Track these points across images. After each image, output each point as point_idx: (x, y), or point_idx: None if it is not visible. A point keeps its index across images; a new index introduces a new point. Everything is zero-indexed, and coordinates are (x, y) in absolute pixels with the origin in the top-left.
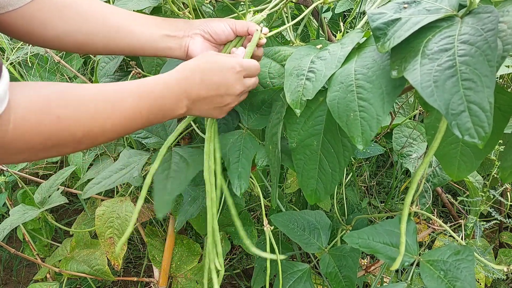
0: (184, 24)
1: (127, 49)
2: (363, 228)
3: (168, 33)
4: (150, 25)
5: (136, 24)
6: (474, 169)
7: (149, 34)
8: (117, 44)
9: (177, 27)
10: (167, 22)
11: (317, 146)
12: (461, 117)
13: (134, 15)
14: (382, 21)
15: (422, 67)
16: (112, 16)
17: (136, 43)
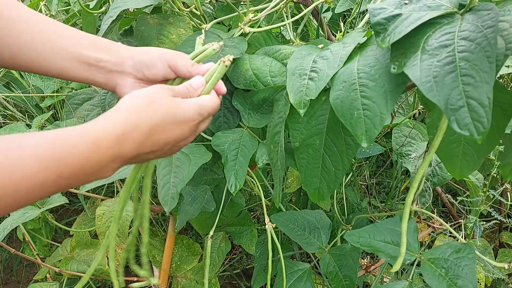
0: (115, 50)
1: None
2: (364, 227)
3: (91, 58)
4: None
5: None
6: (476, 168)
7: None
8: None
9: (108, 51)
10: (89, 39)
11: (320, 145)
12: (460, 112)
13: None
14: (383, 16)
15: (422, 63)
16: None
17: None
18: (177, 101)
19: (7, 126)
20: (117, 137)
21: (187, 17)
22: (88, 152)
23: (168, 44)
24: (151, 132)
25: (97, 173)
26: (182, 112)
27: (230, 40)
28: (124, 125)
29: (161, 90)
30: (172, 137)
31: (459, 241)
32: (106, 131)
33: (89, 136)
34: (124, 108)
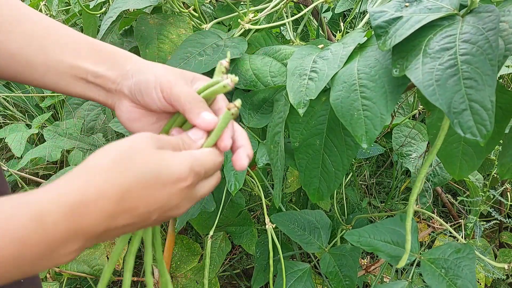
0: (116, 61)
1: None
2: (364, 227)
3: (88, 73)
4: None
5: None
6: (475, 168)
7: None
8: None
9: (109, 62)
10: (89, 47)
11: (320, 146)
12: (463, 115)
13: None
14: (384, 19)
15: (424, 66)
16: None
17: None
18: (160, 154)
19: (7, 126)
20: (70, 209)
21: (187, 17)
22: (28, 231)
23: (168, 44)
24: (125, 198)
25: (47, 258)
26: (168, 169)
27: (230, 40)
28: (83, 191)
29: (140, 141)
30: (156, 203)
31: (459, 241)
32: (53, 202)
33: (29, 208)
34: (87, 168)
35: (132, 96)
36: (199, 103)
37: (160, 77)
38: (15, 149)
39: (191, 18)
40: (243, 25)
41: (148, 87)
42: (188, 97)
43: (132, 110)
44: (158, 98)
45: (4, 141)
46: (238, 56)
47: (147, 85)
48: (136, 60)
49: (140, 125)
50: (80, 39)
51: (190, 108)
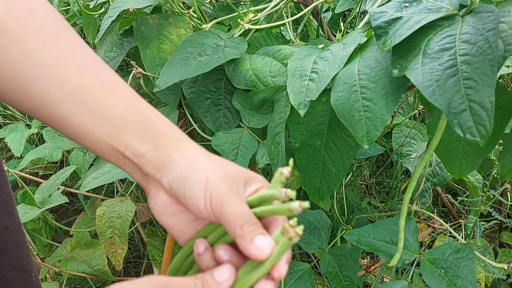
0: (163, 143)
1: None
2: (364, 226)
3: (129, 148)
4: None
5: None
6: (475, 167)
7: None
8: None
9: (156, 142)
10: (137, 117)
11: (321, 146)
12: (463, 115)
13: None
14: (384, 19)
15: (423, 66)
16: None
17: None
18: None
19: (7, 126)
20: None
21: (187, 17)
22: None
23: (168, 44)
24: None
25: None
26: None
27: (230, 40)
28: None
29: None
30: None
31: (459, 241)
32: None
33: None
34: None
35: (171, 191)
36: (253, 226)
37: (211, 185)
38: (15, 149)
39: (191, 18)
40: (243, 25)
41: (194, 194)
42: (239, 220)
43: (169, 204)
44: (206, 211)
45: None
46: (238, 56)
47: (193, 191)
48: (186, 149)
49: (176, 221)
50: (130, 102)
51: (242, 235)
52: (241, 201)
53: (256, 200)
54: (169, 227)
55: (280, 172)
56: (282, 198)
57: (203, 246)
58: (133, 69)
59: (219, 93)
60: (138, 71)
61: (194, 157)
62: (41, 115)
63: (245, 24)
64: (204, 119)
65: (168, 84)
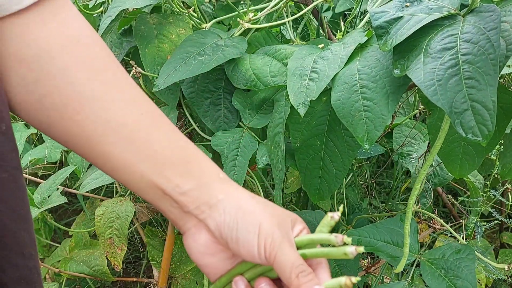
0: (208, 185)
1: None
2: (364, 226)
3: (171, 185)
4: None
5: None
6: (476, 167)
7: (139, 175)
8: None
9: (199, 182)
10: (181, 154)
11: (321, 146)
12: (465, 115)
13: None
14: (384, 19)
15: (425, 66)
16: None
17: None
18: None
19: None
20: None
21: (187, 16)
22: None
23: (167, 44)
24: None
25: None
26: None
27: (230, 39)
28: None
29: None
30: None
31: (460, 241)
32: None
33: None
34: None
35: (218, 234)
36: (308, 277)
37: (265, 232)
38: None
39: (191, 18)
40: (243, 24)
41: (249, 241)
42: (296, 269)
43: (211, 244)
44: (259, 256)
45: None
46: (238, 55)
47: (247, 237)
48: (231, 191)
49: (213, 260)
50: (174, 140)
51: (299, 284)
52: (293, 248)
53: (305, 241)
54: (204, 265)
55: (330, 216)
56: (338, 244)
57: (243, 284)
58: (133, 68)
59: (218, 93)
60: (137, 71)
61: (242, 200)
62: (78, 147)
63: (245, 23)
64: (203, 119)
65: (168, 83)
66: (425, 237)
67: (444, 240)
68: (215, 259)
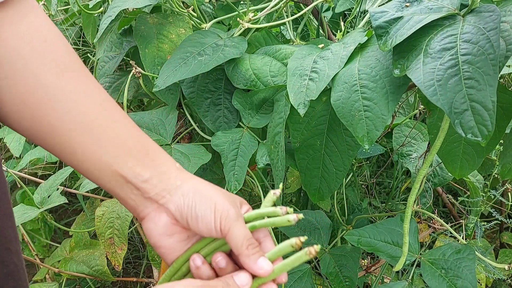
0: (167, 173)
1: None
2: (364, 227)
3: (133, 174)
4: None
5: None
6: (476, 167)
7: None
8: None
9: (159, 171)
10: (141, 146)
11: (321, 146)
12: (464, 115)
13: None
14: (384, 19)
15: (424, 66)
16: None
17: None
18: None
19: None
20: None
21: (187, 16)
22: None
23: (167, 44)
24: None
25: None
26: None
27: (230, 39)
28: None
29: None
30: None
31: (460, 241)
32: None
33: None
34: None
35: (179, 216)
36: (256, 248)
37: (220, 208)
38: (14, 149)
39: (191, 18)
40: (242, 24)
41: (206, 216)
42: (246, 241)
43: (170, 226)
44: (216, 230)
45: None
46: (237, 55)
47: (205, 213)
48: (187, 178)
49: (171, 240)
50: (136, 135)
51: (248, 255)
52: (244, 224)
53: (253, 216)
54: (161, 246)
55: (273, 193)
56: (283, 214)
57: (200, 260)
58: (133, 68)
59: (218, 92)
60: (137, 71)
61: (197, 185)
62: (46, 142)
63: (245, 23)
64: (203, 119)
65: (168, 83)
66: (425, 237)
67: (444, 240)
68: (173, 240)
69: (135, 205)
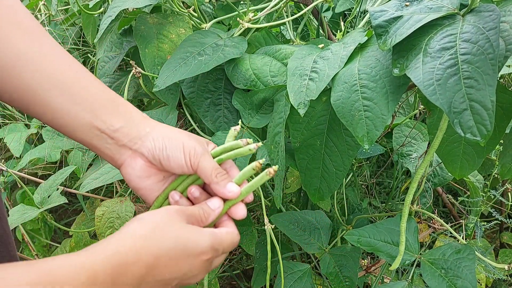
0: (136, 122)
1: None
2: (364, 226)
3: (106, 124)
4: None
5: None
6: (476, 167)
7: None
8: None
9: (129, 120)
10: (110, 100)
11: (321, 146)
12: (463, 115)
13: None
14: (384, 18)
15: (424, 65)
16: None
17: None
18: (188, 230)
19: (6, 126)
20: (114, 270)
21: (187, 16)
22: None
23: (167, 44)
24: (155, 265)
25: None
26: (194, 245)
27: (230, 39)
28: (125, 256)
29: (171, 215)
30: (180, 272)
31: (460, 241)
32: (103, 265)
33: (86, 272)
34: (127, 234)
35: (152, 158)
36: (224, 176)
37: (188, 147)
38: (14, 149)
39: (191, 18)
40: (243, 24)
41: (177, 155)
42: (214, 171)
43: (146, 168)
44: (187, 166)
45: (3, 141)
46: (238, 55)
47: (175, 153)
48: (154, 124)
49: (149, 182)
50: (103, 89)
51: (217, 182)
52: (211, 157)
53: (219, 151)
54: (141, 188)
55: (233, 129)
56: (244, 144)
57: (177, 195)
58: (133, 68)
59: (218, 92)
60: (137, 71)
61: (164, 129)
62: (24, 103)
63: (245, 23)
64: (203, 119)
65: (168, 83)
66: (425, 237)
67: (444, 240)
68: (150, 181)
69: (112, 154)
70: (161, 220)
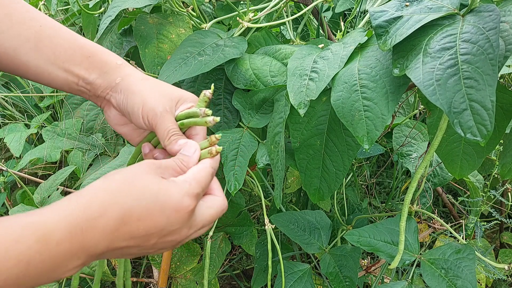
0: (110, 71)
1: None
2: (364, 226)
3: (80, 78)
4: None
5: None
6: (476, 167)
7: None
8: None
9: (102, 70)
10: (84, 52)
11: (321, 146)
12: (463, 115)
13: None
14: (384, 19)
15: (424, 66)
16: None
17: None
18: (158, 180)
19: (6, 126)
20: (74, 227)
21: (186, 16)
22: (33, 252)
23: (167, 44)
24: (125, 219)
25: (49, 275)
26: (166, 195)
27: (230, 39)
28: (85, 211)
29: (142, 168)
30: (156, 227)
31: (460, 241)
32: (58, 222)
33: (36, 229)
34: (90, 191)
35: (119, 109)
36: (176, 135)
37: (147, 107)
38: (14, 149)
39: (191, 18)
40: (243, 24)
41: (135, 113)
42: (168, 134)
43: (119, 117)
44: (145, 124)
45: (3, 141)
46: (238, 55)
47: (134, 111)
48: (126, 73)
49: (126, 129)
50: (73, 42)
51: (170, 142)
52: (171, 119)
53: (184, 115)
54: (123, 133)
55: (203, 94)
56: (202, 115)
57: (148, 148)
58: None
59: (218, 92)
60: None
61: (132, 82)
62: (3, 65)
63: (245, 23)
64: None
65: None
66: (425, 237)
67: (444, 240)
68: (127, 129)
69: (94, 101)
70: (130, 174)
